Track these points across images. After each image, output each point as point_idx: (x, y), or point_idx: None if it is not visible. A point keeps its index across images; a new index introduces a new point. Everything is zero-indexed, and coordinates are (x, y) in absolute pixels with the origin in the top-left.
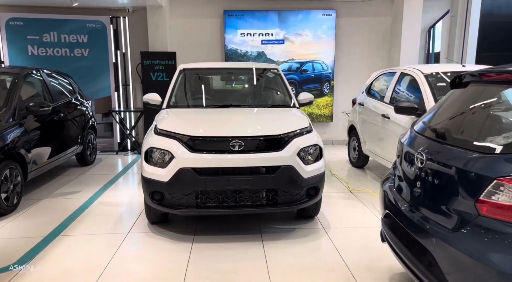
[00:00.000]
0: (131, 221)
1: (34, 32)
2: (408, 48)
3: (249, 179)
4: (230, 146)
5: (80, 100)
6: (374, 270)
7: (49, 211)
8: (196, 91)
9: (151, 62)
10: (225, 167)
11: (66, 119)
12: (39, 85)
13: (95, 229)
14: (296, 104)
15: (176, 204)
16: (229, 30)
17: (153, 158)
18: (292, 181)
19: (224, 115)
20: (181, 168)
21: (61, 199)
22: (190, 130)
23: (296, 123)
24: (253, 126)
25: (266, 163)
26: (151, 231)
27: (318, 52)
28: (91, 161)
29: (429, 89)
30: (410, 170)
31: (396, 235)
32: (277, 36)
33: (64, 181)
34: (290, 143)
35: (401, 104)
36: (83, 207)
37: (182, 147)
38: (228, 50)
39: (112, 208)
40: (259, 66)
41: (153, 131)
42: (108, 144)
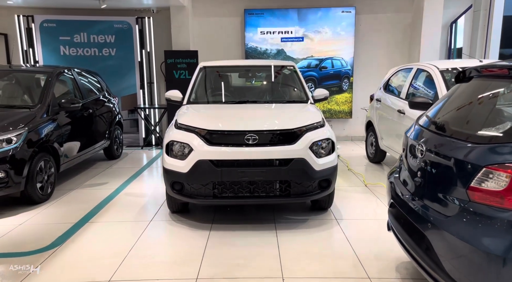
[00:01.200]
0: (153, 210)
1: (66, 33)
2: (429, 45)
3: (263, 171)
4: (245, 139)
5: (107, 97)
6: (382, 259)
7: (79, 200)
8: (215, 88)
9: (174, 61)
10: (240, 159)
11: (95, 115)
12: (70, 83)
13: (121, 217)
14: (311, 100)
15: (194, 194)
16: (249, 28)
17: (173, 150)
18: (304, 173)
19: (240, 111)
20: (199, 160)
21: (90, 190)
22: (208, 124)
23: (309, 118)
24: (268, 120)
25: (279, 156)
26: (172, 220)
27: (337, 49)
28: (118, 155)
29: (443, 84)
30: (413, 161)
31: (400, 223)
32: (296, 34)
33: (93, 173)
34: (303, 136)
35: (415, 100)
36: (110, 197)
37: (200, 140)
38: (248, 48)
39: (137, 198)
40: (276, 64)
41: (174, 126)
42: (134, 139)
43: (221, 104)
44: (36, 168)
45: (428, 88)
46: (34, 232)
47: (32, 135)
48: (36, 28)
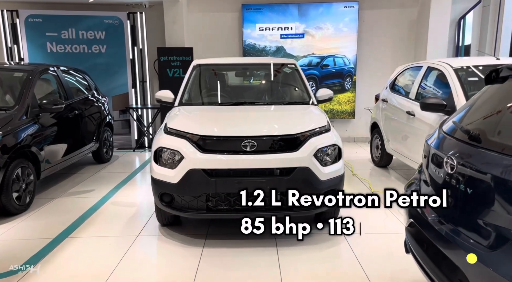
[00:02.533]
0: (141, 223)
1: (53, 29)
2: (436, 41)
3: (262, 181)
4: (242, 146)
5: (96, 97)
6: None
7: (61, 210)
8: (209, 88)
9: (168, 58)
10: (237, 168)
11: (82, 116)
12: (54, 82)
13: (105, 231)
14: (315, 101)
15: (185, 207)
16: (247, 24)
17: (162, 158)
18: (308, 184)
19: (237, 114)
20: (191, 169)
21: (74, 198)
22: (200, 129)
23: (313, 121)
24: (267, 125)
25: (281, 164)
26: (161, 234)
27: (339, 46)
28: (107, 158)
29: (459, 84)
30: (438, 175)
31: (422, 247)
32: (296, 30)
33: (79, 179)
34: (307, 142)
35: (427, 101)
36: (94, 207)
37: (192, 147)
38: (246, 45)
39: (124, 208)
40: (276, 62)
41: (163, 130)
42: (126, 141)
43: (216, 106)
44: (12, 176)
45: (440, 88)
46: (5, 249)
47: (8, 139)
48: (21, 23)
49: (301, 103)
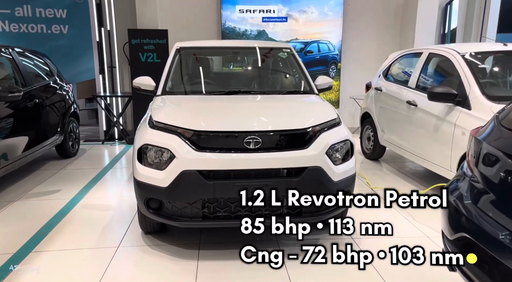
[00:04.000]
0: (121, 231)
1: (5, 5)
2: (424, 27)
3: (268, 184)
4: (245, 143)
5: (59, 83)
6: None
7: (21, 217)
8: (196, 75)
9: (140, 41)
10: (239, 169)
11: (43, 105)
12: (8, 66)
13: (77, 242)
14: (315, 90)
15: (177, 215)
16: (226, 6)
17: (148, 157)
18: (320, 186)
19: (234, 105)
20: (184, 171)
21: (36, 201)
22: (194, 123)
23: (322, 114)
24: (272, 118)
25: (289, 164)
26: (146, 244)
27: (324, 31)
28: (74, 152)
29: (469, 71)
30: (498, 178)
31: (484, 269)
32: (279, 13)
33: (42, 177)
34: (318, 138)
35: (436, 90)
36: (62, 212)
37: (184, 144)
38: (225, 29)
39: (98, 212)
40: (269, 45)
41: (148, 124)
42: (93, 133)
43: (207, 95)
44: None
45: (445, 76)
46: None
47: None
48: None
49: (301, 93)
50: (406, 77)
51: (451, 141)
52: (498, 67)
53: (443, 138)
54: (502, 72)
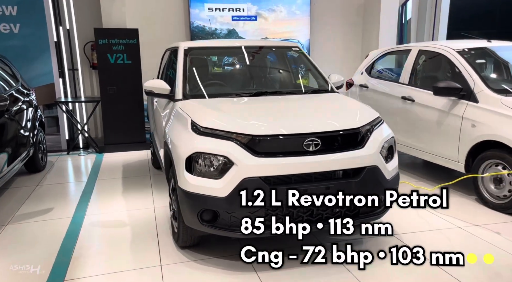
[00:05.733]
0: (152, 247)
1: None
2: (387, 25)
3: (329, 187)
4: (304, 146)
5: (26, 89)
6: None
7: (25, 243)
8: (215, 76)
9: (109, 42)
10: (301, 173)
11: (17, 114)
12: None
13: (112, 265)
14: (334, 88)
15: (236, 225)
16: (194, 4)
17: (200, 166)
18: (377, 185)
19: (273, 106)
20: (246, 178)
21: (32, 223)
22: (249, 127)
23: (367, 112)
24: (325, 118)
25: (350, 165)
26: (190, 260)
27: (293, 30)
28: (43, 165)
29: (469, 66)
30: None
31: None
32: (249, 12)
33: (19, 196)
34: (371, 137)
35: (441, 85)
36: (72, 233)
37: (242, 149)
38: (194, 28)
39: (113, 230)
40: (278, 45)
41: (192, 130)
42: (54, 142)
43: (236, 97)
44: None
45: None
46: None
47: None
48: None
49: (324, 92)
50: (395, 73)
51: (458, 133)
52: (490, 63)
53: (450, 131)
54: (496, 67)
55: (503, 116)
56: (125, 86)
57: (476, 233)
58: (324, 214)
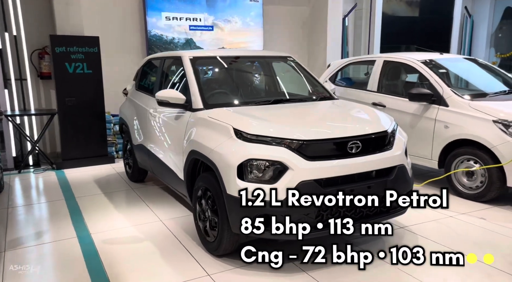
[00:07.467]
0: (187, 259)
1: None
2: (334, 37)
3: (370, 186)
4: (348, 148)
5: None
6: None
7: (44, 267)
8: (229, 85)
9: (66, 50)
10: (346, 174)
11: None
12: None
13: (158, 280)
14: (334, 95)
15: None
16: (151, 12)
17: (253, 172)
18: (405, 182)
19: (303, 112)
20: (302, 181)
21: (33, 248)
22: (299, 133)
23: (386, 117)
24: (358, 122)
25: (384, 164)
26: (235, 267)
27: (248, 40)
28: (2, 185)
29: (435, 75)
30: None
31: None
32: (205, 22)
33: None
34: (396, 139)
35: (415, 91)
36: (89, 253)
37: (295, 154)
38: (152, 36)
39: (136, 245)
40: (275, 55)
41: (237, 138)
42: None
43: (259, 105)
44: None
45: (409, 80)
46: None
47: None
48: None
49: (328, 99)
50: (361, 81)
51: (432, 134)
52: (447, 71)
53: (424, 132)
54: (453, 75)
55: (474, 118)
56: (85, 97)
57: (467, 220)
58: (365, 212)
